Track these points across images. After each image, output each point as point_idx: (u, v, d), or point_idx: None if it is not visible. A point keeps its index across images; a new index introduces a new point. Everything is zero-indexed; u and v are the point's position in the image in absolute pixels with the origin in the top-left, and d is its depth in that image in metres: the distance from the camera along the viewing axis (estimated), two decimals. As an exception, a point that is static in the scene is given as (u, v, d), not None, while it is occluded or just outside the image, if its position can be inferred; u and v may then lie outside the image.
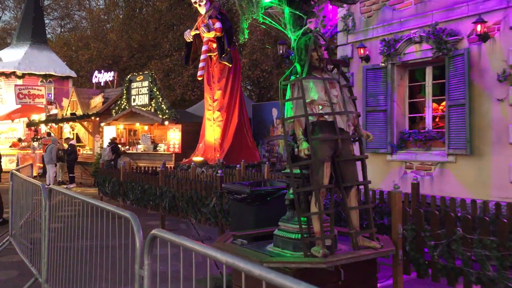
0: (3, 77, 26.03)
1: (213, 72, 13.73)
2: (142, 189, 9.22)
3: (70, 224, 4.61)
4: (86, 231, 4.23)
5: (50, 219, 4.69)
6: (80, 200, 3.94)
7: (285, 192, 5.60)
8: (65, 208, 5.79)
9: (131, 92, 16.45)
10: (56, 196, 4.68)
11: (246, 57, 23.21)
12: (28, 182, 6.37)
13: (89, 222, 4.18)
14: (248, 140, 14.07)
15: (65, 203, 5.11)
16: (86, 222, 4.24)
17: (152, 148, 16.03)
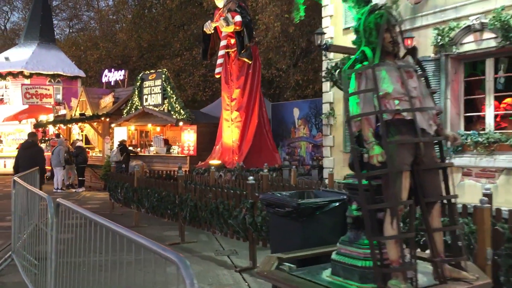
0: (11, 77, 25.38)
1: (231, 70, 12.88)
2: (159, 197, 8.36)
3: (80, 235, 3.73)
4: (100, 244, 3.39)
5: (58, 238, 3.83)
6: (103, 226, 3.02)
7: (338, 206, 4.72)
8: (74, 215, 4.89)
9: (143, 91, 15.63)
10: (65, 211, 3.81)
11: (260, 56, 22.34)
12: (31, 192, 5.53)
13: (104, 232, 3.34)
14: (268, 142, 13.19)
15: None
16: (100, 232, 3.40)
17: (165, 151, 15.19)
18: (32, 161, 9.29)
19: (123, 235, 2.60)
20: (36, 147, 10.18)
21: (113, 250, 2.99)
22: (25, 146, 9.92)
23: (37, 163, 9.35)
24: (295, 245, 4.53)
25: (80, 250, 3.78)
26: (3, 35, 53.34)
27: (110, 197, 10.97)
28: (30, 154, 9.47)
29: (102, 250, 3.09)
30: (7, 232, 8.82)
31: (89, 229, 3.51)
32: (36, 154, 9.67)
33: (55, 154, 15.64)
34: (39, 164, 9.42)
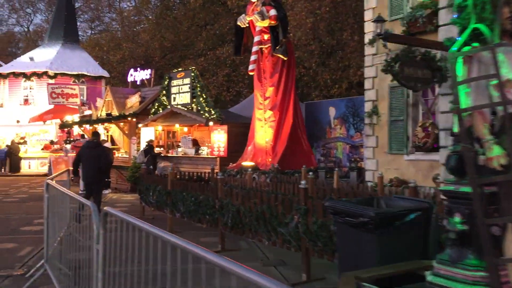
0: (35, 77, 25.28)
1: (265, 67, 12.30)
2: (196, 201, 7.81)
3: (123, 242, 3.17)
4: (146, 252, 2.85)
5: (106, 256, 3.27)
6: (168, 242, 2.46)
7: (419, 215, 4.08)
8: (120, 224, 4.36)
9: (171, 90, 15.16)
10: (111, 220, 3.25)
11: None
12: (69, 197, 5.01)
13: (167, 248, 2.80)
14: (303, 143, 12.57)
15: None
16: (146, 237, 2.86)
17: (194, 152, 14.67)
18: (96, 161, 9.33)
19: (201, 256, 2.02)
20: (101, 147, 10.11)
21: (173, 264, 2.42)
22: (89, 145, 9.80)
23: (100, 163, 9.42)
24: (370, 261, 3.91)
25: (126, 263, 3.24)
26: (26, 37, 53.88)
27: (141, 200, 10.48)
28: (95, 154, 9.41)
29: (166, 271, 2.51)
30: (36, 237, 8.40)
31: (139, 239, 2.96)
32: (101, 154, 9.62)
33: (81, 155, 15.23)
34: (102, 164, 9.49)
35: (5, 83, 26.06)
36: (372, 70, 10.17)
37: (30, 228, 9.27)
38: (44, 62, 25.55)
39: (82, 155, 9.62)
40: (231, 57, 28.63)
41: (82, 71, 25.54)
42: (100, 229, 3.23)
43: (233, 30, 30.53)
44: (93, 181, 9.43)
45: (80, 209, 4.72)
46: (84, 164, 9.53)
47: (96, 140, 10.10)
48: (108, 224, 3.30)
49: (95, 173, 9.40)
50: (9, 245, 7.74)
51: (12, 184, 18.79)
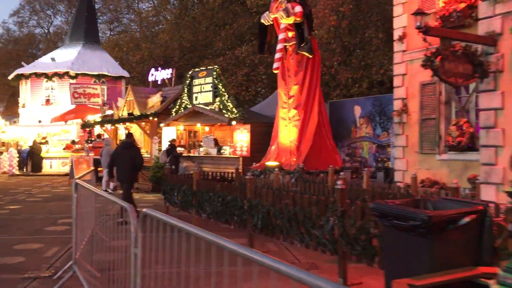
0: (57, 78, 25.46)
1: (289, 65, 12.05)
2: (224, 201, 7.62)
3: (161, 244, 2.98)
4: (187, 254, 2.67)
5: (145, 263, 3.08)
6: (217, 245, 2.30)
7: (474, 219, 3.81)
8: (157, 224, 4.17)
9: (192, 89, 15.02)
10: (153, 223, 3.06)
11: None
12: (101, 197, 4.85)
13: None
14: (327, 142, 12.29)
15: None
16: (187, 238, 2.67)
17: (216, 151, 14.51)
18: (132, 161, 9.67)
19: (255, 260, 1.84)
20: (135, 147, 10.52)
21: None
22: (124, 146, 10.22)
23: (136, 162, 9.79)
24: (420, 267, 3.66)
25: (164, 266, 3.05)
26: (47, 38, 54.53)
27: (165, 201, 10.34)
28: (130, 155, 9.78)
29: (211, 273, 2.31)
30: (62, 237, 8.32)
31: (179, 240, 2.77)
32: (136, 154, 10.01)
33: (104, 155, 15.21)
34: (138, 163, 9.87)
35: (27, 83, 26.30)
36: (402, 67, 9.87)
37: (55, 228, 9.20)
38: (65, 63, 25.72)
39: (116, 155, 9.98)
40: (250, 56, 28.50)
41: (102, 71, 25.63)
42: (139, 232, 3.04)
43: (252, 30, 30.55)
44: (126, 180, 9.74)
45: (121, 212, 4.55)
46: (118, 164, 9.80)
47: (129, 140, 10.48)
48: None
49: (129, 173, 9.74)
50: (35, 245, 7.65)
51: (35, 184, 18.90)
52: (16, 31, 55.67)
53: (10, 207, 12.28)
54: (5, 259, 6.71)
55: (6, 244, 7.69)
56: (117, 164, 9.84)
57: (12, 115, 41.03)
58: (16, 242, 7.83)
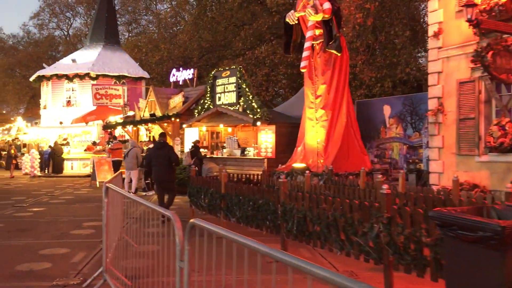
0: (77, 79, 25.50)
1: (316, 64, 11.71)
2: (254, 205, 7.32)
3: (208, 255, 2.69)
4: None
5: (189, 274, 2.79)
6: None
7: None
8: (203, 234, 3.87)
9: (215, 89, 14.77)
10: (199, 233, 2.76)
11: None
12: (136, 203, 4.58)
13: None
14: (356, 143, 11.91)
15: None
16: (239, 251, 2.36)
17: (240, 152, 14.23)
18: (166, 161, 9.92)
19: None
20: (168, 146, 10.71)
21: None
22: (158, 146, 10.43)
23: (171, 161, 10.01)
24: (490, 284, 3.30)
25: (211, 279, 2.76)
26: (66, 41, 55.02)
27: (191, 204, 10.08)
28: (164, 154, 10.02)
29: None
30: (88, 241, 8.11)
31: (228, 252, 2.46)
32: (171, 153, 10.22)
33: (130, 156, 15.02)
34: (172, 163, 10.08)
35: (48, 85, 26.41)
36: (438, 64, 9.44)
37: (80, 232, 9.00)
38: (86, 64, 25.75)
39: (152, 155, 10.23)
40: (270, 56, 28.21)
41: (123, 72, 25.59)
42: (186, 245, 2.74)
43: (272, 29, 30.24)
44: (164, 180, 9.93)
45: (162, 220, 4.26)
46: (154, 164, 10.03)
47: (163, 140, 10.56)
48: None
49: (166, 172, 9.96)
50: (61, 250, 7.44)
51: (56, 185, 18.87)
52: (36, 34, 56.37)
53: (34, 209, 12.17)
54: (32, 265, 6.51)
55: (32, 249, 7.51)
56: (153, 164, 10.04)
57: (32, 117, 41.46)
58: (42, 247, 7.64)
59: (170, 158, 9.93)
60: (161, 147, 10.21)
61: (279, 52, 28.28)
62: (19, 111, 55.26)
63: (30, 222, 10.19)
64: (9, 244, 7.90)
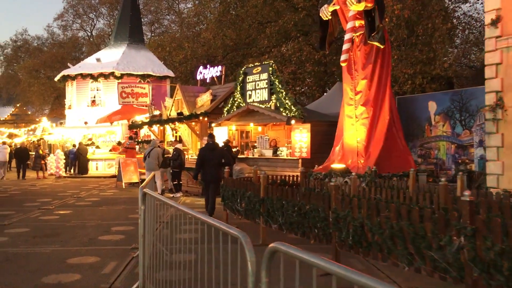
0: (102, 78, 25.19)
1: (355, 57, 10.94)
2: (300, 211, 6.62)
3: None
4: None
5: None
6: None
7: None
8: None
9: (246, 86, 14.11)
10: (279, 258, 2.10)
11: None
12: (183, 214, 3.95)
13: None
14: (398, 143, 11.09)
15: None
16: None
17: (272, 153, 13.54)
18: (217, 161, 10.22)
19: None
20: (219, 148, 11.04)
21: None
22: (210, 147, 10.64)
23: (224, 163, 10.27)
24: None
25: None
26: (89, 41, 55.27)
27: (224, 207, 9.44)
28: (216, 155, 10.32)
29: None
30: (118, 248, 7.54)
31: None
32: (223, 153, 10.58)
33: (152, 156, 14.53)
34: (225, 163, 10.27)
35: (73, 84, 26.19)
36: (495, 55, 8.59)
37: (110, 238, 8.45)
38: (110, 63, 25.43)
39: (203, 156, 10.34)
40: (297, 53, 27.50)
41: (147, 71, 25.18)
42: (264, 275, 2.07)
43: (298, 26, 29.46)
44: (213, 180, 10.08)
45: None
46: (205, 165, 10.18)
47: (212, 141, 10.78)
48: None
49: (217, 173, 10.13)
50: (91, 258, 6.89)
51: (82, 187, 18.51)
52: (60, 35, 56.81)
53: (60, 212, 11.72)
54: (60, 276, 5.95)
55: (59, 257, 6.97)
56: (204, 165, 10.19)
57: (57, 117, 41.59)
58: (70, 255, 7.10)
59: (221, 160, 10.16)
60: (213, 148, 10.40)
61: (305, 49, 27.55)
62: (43, 112, 55.78)
63: (57, 226, 9.71)
64: (35, 251, 7.39)
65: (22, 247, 7.68)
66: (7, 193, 16.58)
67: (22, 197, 15.01)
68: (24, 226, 9.63)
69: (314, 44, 28.96)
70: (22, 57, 57.21)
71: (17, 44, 57.91)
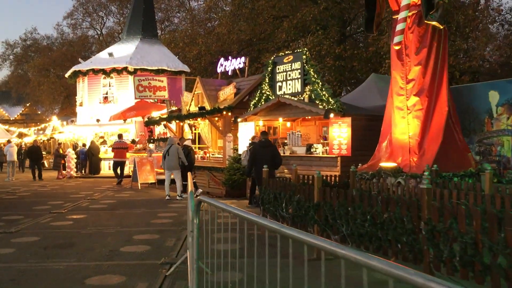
0: (115, 74, 24.00)
1: (407, 41, 9.58)
2: (375, 220, 5.31)
3: None
4: None
5: None
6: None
7: None
8: None
9: (275, 77, 12.80)
10: None
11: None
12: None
13: None
14: (456, 138, 9.73)
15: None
16: None
17: (305, 150, 12.22)
18: (272, 160, 9.96)
19: None
20: (273, 146, 10.74)
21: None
22: (263, 144, 10.41)
23: (276, 161, 10.16)
24: None
25: None
26: (99, 40, 54.31)
27: (264, 212, 8.15)
28: (269, 153, 10.06)
29: None
30: (145, 264, 6.23)
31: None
32: (275, 152, 10.29)
33: (171, 155, 13.28)
34: (277, 162, 10.14)
35: (84, 80, 25.05)
36: None
37: (133, 249, 7.19)
38: (123, 58, 24.25)
39: (256, 154, 10.12)
40: (316, 47, 26.17)
41: (162, 66, 23.96)
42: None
43: (317, 20, 28.09)
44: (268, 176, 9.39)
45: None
46: (257, 162, 9.89)
47: (266, 138, 10.56)
48: None
49: (270, 169, 9.36)
50: (114, 278, 5.62)
51: (95, 187, 17.33)
52: (70, 34, 55.94)
53: (74, 216, 10.51)
54: (78, 305, 4.70)
55: (76, 276, 5.72)
56: (258, 163, 9.85)
57: (67, 116, 40.58)
58: (89, 272, 5.85)
59: (275, 158, 9.88)
60: (266, 146, 10.15)
61: (325, 43, 26.24)
62: (53, 111, 54.93)
63: (71, 234, 8.48)
64: (47, 267, 6.15)
65: (31, 262, 6.44)
66: (15, 194, 15.44)
67: (32, 200, 13.84)
68: (34, 234, 8.42)
69: (334, 37, 27.69)
70: (32, 56, 56.39)
71: (26, 43, 57.11)
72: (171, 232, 8.57)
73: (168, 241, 7.82)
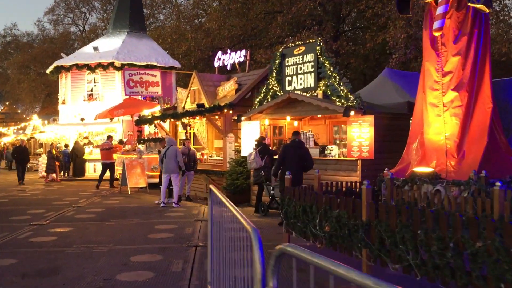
0: (100, 69, 22.41)
1: (444, 27, 8.36)
2: (459, 249, 4.04)
3: None
4: None
5: None
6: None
7: None
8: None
9: (284, 71, 11.49)
10: None
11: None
12: None
13: None
14: (498, 139, 8.56)
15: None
16: None
17: (319, 152, 10.95)
18: (302, 162, 9.38)
19: None
20: (305, 147, 9.88)
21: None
22: (294, 144, 9.59)
23: (306, 164, 9.45)
24: None
25: None
26: (82, 37, 52.40)
27: (287, 228, 6.84)
28: (300, 154, 9.40)
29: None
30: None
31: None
32: (306, 155, 9.55)
33: (169, 156, 11.90)
34: (308, 165, 9.45)
35: (67, 77, 23.39)
36: None
37: (133, 278, 5.79)
38: (109, 52, 22.67)
39: (286, 154, 9.48)
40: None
41: (151, 61, 22.45)
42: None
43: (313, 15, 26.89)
44: (296, 180, 8.56)
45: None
46: (288, 163, 9.22)
47: (298, 138, 9.73)
48: None
49: (299, 173, 9.16)
50: (114, 326, 4.25)
51: (80, 192, 15.82)
52: (51, 30, 53.97)
53: (57, 230, 9.05)
54: None
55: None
56: (288, 164, 9.13)
57: (48, 115, 38.72)
58: (80, 318, 4.48)
59: (305, 161, 9.29)
60: (298, 146, 9.48)
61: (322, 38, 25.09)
62: (34, 110, 52.85)
63: (55, 254, 7.05)
64: (24, 309, 4.75)
65: (4, 299, 5.04)
66: (-10, 202, 13.86)
67: (9, 207, 12.30)
68: (10, 255, 6.98)
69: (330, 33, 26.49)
70: (11, 53, 54.22)
71: (5, 40, 54.90)
72: (174, 251, 7.22)
73: (175, 264, 6.46)
